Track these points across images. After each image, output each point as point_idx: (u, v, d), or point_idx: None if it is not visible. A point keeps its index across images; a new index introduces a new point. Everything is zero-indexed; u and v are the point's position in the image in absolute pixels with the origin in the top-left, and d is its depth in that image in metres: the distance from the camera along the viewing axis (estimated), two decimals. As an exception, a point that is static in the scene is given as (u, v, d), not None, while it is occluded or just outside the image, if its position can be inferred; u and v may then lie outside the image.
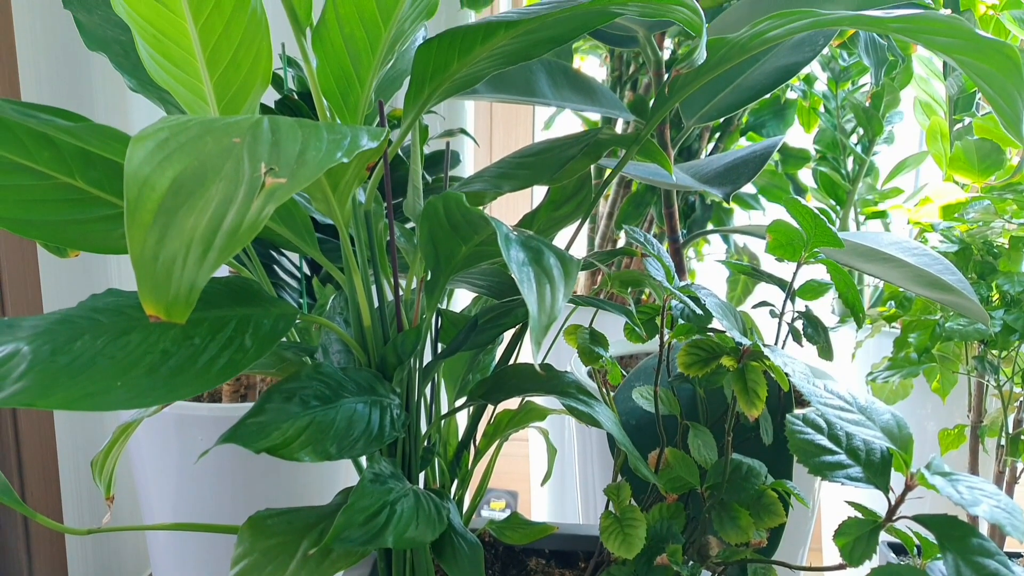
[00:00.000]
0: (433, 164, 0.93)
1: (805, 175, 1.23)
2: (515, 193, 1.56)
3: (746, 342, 0.47)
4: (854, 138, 1.24)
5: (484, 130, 1.38)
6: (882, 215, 1.24)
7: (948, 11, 1.08)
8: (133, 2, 0.56)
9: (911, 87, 1.25)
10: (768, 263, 1.13)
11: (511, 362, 0.63)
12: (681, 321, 0.52)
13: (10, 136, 0.49)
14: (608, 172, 0.83)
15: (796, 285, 0.61)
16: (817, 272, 1.42)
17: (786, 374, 0.45)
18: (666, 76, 0.87)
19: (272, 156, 0.36)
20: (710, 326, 0.56)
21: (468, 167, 1.11)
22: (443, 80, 0.51)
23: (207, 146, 0.36)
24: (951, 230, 0.88)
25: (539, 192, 1.56)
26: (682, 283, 0.59)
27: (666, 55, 1.08)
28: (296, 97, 0.82)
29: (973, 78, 0.50)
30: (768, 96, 0.96)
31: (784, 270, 0.67)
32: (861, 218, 1.30)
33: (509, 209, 1.45)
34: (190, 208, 0.34)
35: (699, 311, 0.49)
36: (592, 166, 0.64)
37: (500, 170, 0.58)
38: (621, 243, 1.16)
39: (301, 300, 0.86)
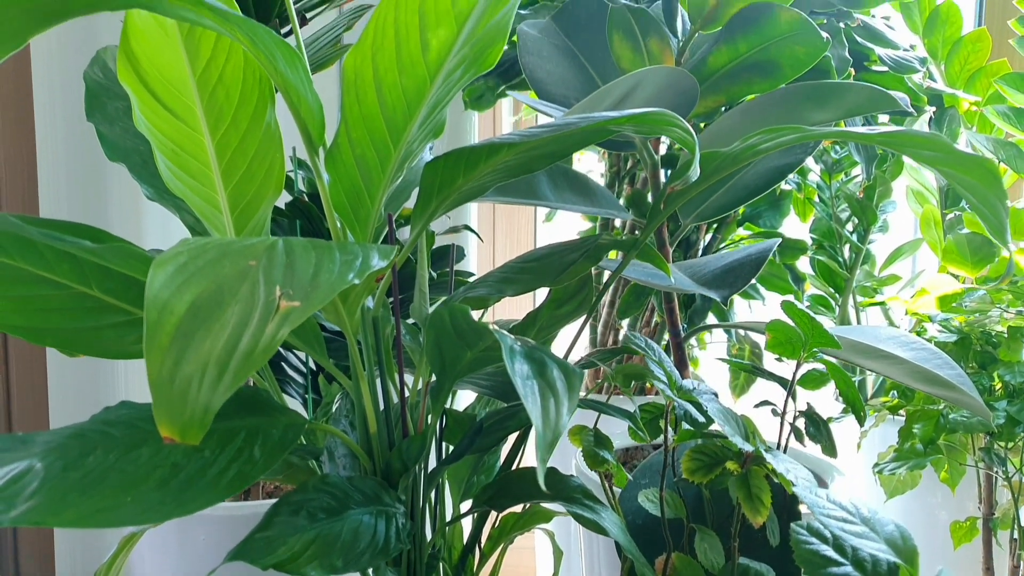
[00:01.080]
0: (439, 258, 0.95)
1: (803, 263, 1.25)
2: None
3: (748, 448, 0.48)
4: (849, 226, 1.26)
5: (487, 223, 1.41)
6: (881, 303, 1.26)
7: (932, 109, 1.12)
8: (154, 119, 0.59)
9: (903, 176, 1.29)
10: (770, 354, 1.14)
11: (516, 461, 0.63)
12: (685, 425, 0.52)
13: (32, 250, 0.51)
14: (608, 274, 0.85)
15: (796, 383, 0.62)
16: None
17: (789, 481, 0.45)
18: (663, 173, 0.90)
19: (287, 279, 0.37)
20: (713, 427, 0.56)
21: (472, 260, 1.14)
22: (450, 193, 0.53)
23: (224, 269, 0.38)
24: (949, 321, 0.89)
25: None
26: (684, 382, 0.59)
27: (663, 149, 1.12)
28: (307, 199, 0.85)
29: (957, 188, 0.52)
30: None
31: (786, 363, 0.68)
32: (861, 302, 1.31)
33: (512, 300, 1.47)
34: (207, 331, 0.36)
35: (701, 418, 0.50)
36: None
37: (503, 275, 0.60)
38: (623, 331, 1.17)
39: (306, 396, 0.86)
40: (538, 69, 0.81)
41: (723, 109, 0.83)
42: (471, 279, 0.99)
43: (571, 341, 0.70)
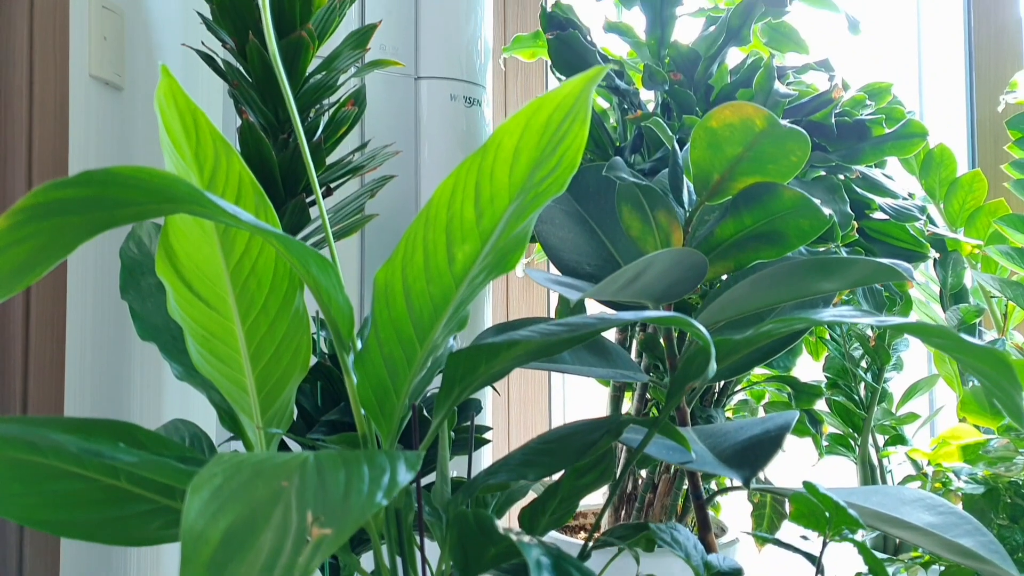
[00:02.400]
0: (457, 414, 0.96)
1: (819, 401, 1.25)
2: (534, 416, 1.58)
3: (781, 649, 0.47)
4: (864, 363, 1.27)
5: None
6: (902, 440, 1.25)
7: (936, 255, 1.15)
8: (187, 308, 0.62)
9: (913, 310, 1.30)
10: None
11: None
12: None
13: (65, 448, 0.52)
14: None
15: (824, 561, 0.61)
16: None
17: None
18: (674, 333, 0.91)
19: (318, 502, 0.38)
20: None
21: (488, 412, 1.14)
22: (472, 380, 0.55)
23: (257, 491, 0.39)
24: (976, 474, 0.88)
25: (558, 409, 1.57)
26: (711, 557, 0.59)
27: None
28: (328, 360, 0.87)
29: (972, 373, 0.53)
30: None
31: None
32: (881, 440, 1.30)
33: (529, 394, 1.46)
34: (239, 561, 0.36)
35: (730, 618, 0.49)
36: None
37: (524, 457, 0.60)
38: (643, 479, 1.16)
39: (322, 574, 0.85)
40: (551, 236, 0.85)
41: (731, 271, 0.86)
42: (487, 434, 0.99)
43: (599, 516, 0.69)
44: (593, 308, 1.40)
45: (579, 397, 1.60)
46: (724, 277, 0.98)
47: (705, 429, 0.72)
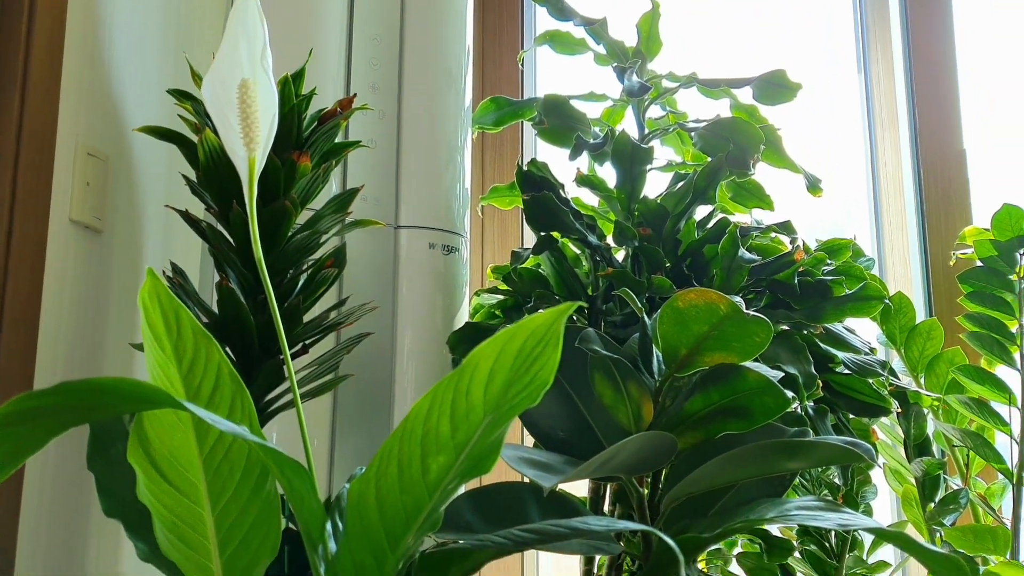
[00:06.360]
0: None
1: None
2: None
3: None
4: (833, 510, 1.27)
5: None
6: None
7: (898, 409, 1.18)
8: (158, 493, 0.61)
9: (880, 455, 1.32)
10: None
11: None
12: None
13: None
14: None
15: None
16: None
17: None
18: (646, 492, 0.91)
19: None
20: None
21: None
22: (443, 581, 0.54)
23: None
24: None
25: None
26: None
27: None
28: (295, 525, 0.85)
29: (933, 574, 0.55)
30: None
31: None
32: (854, 590, 1.28)
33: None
34: None
35: None
36: None
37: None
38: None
39: None
40: (525, 400, 0.86)
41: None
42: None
43: None
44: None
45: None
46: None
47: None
